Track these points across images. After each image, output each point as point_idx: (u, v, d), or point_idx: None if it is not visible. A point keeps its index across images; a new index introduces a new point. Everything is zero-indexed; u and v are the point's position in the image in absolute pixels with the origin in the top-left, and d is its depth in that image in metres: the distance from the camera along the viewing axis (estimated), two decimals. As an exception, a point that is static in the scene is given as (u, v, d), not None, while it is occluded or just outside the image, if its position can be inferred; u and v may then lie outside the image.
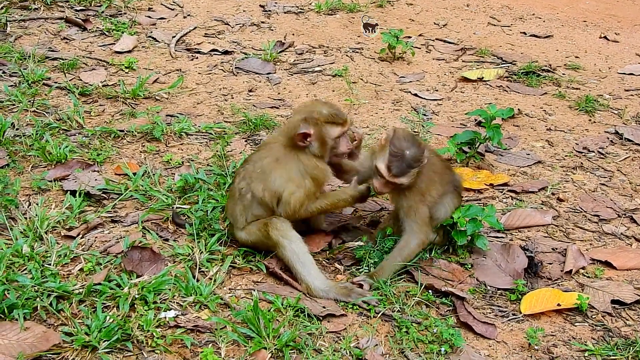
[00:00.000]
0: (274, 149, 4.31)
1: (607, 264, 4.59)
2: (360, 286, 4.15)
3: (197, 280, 4.09)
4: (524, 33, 9.06)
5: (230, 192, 4.46)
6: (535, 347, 3.85)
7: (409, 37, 8.37)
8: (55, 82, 6.52)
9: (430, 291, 4.19)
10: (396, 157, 4.15)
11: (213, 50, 7.71)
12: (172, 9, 8.92)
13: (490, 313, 4.10)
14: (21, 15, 8.20)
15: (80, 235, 4.44)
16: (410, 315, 3.97)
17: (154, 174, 5.12)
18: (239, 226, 4.35)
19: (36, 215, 4.51)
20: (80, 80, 6.70)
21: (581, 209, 5.18)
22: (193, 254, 4.30)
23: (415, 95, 6.94)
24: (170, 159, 5.38)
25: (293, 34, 8.39)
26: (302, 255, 4.17)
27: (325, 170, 4.33)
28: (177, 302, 3.93)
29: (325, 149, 4.31)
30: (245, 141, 5.77)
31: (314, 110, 4.30)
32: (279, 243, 4.18)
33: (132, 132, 5.70)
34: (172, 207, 4.76)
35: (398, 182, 4.19)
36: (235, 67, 7.32)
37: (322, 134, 4.26)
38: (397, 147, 4.15)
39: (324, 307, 3.98)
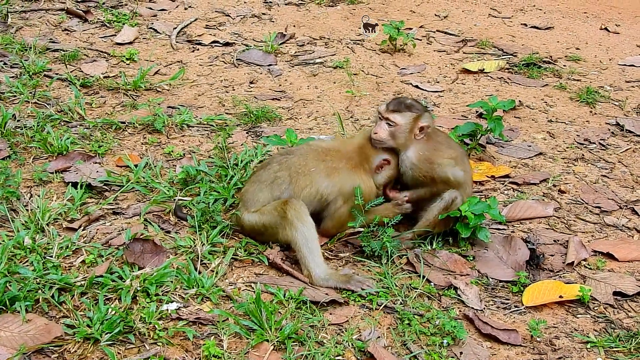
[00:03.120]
0: (336, 157, 4.46)
1: (609, 256, 4.59)
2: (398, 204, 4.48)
3: (199, 273, 4.09)
4: (525, 24, 9.05)
5: (256, 176, 4.47)
6: (538, 339, 3.85)
7: (410, 28, 8.36)
8: (57, 74, 6.52)
9: (432, 283, 4.20)
10: (397, 98, 4.58)
11: (214, 41, 7.70)
12: (173, 1, 8.91)
13: (492, 305, 4.10)
14: (22, 6, 8.19)
15: (82, 227, 4.43)
16: (413, 308, 3.98)
17: (155, 166, 5.11)
18: (252, 209, 4.35)
19: (38, 207, 4.50)
20: (82, 71, 6.70)
21: (582, 200, 5.18)
22: (195, 246, 4.30)
23: (416, 87, 6.94)
24: (172, 151, 5.38)
25: (294, 26, 8.38)
26: (311, 241, 4.19)
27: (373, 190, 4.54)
28: (179, 295, 3.93)
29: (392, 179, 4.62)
30: (247, 133, 5.77)
31: None
32: (292, 223, 4.18)
33: (134, 123, 5.69)
34: (174, 200, 4.75)
35: (392, 119, 4.41)
36: (237, 59, 7.31)
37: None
38: (399, 97, 4.56)
39: (326, 294, 3.99)
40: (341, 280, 4.11)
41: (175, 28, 7.94)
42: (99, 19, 8.05)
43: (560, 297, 4.13)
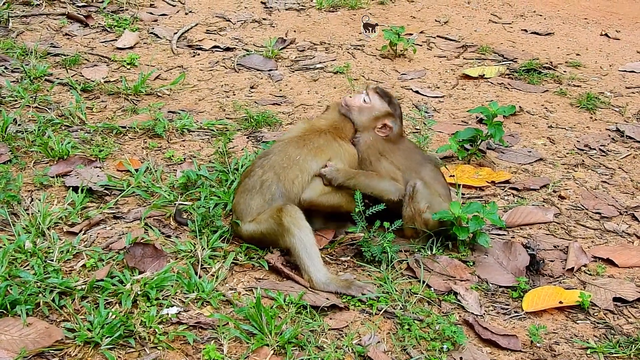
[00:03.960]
0: (310, 139, 4.52)
1: (609, 262, 4.59)
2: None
3: (200, 277, 4.10)
4: (525, 30, 9.06)
5: (243, 186, 4.45)
6: (538, 345, 3.85)
7: (410, 34, 8.37)
8: (57, 78, 6.53)
9: (432, 288, 4.20)
10: (388, 91, 4.77)
11: (215, 46, 7.71)
12: (174, 6, 8.92)
13: (492, 310, 4.10)
14: (23, 11, 8.20)
15: (83, 232, 4.44)
16: (413, 313, 3.98)
17: (156, 171, 5.12)
18: (248, 219, 4.35)
19: (38, 211, 4.51)
20: (82, 76, 6.71)
21: (583, 206, 5.19)
22: (195, 250, 4.31)
23: (417, 92, 6.95)
24: (172, 156, 5.39)
25: (294, 31, 8.39)
26: (309, 246, 4.18)
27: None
28: (179, 299, 3.93)
29: None
30: (247, 138, 5.78)
31: None
32: (289, 230, 4.18)
33: (134, 128, 5.70)
34: (175, 204, 4.76)
35: (371, 97, 4.63)
36: (237, 64, 7.32)
37: None
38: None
39: (327, 299, 3.99)
40: (342, 286, 4.11)
41: (175, 33, 7.95)
42: (99, 23, 8.06)
43: (560, 302, 4.14)
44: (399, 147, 4.64)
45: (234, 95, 6.63)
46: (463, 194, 5.13)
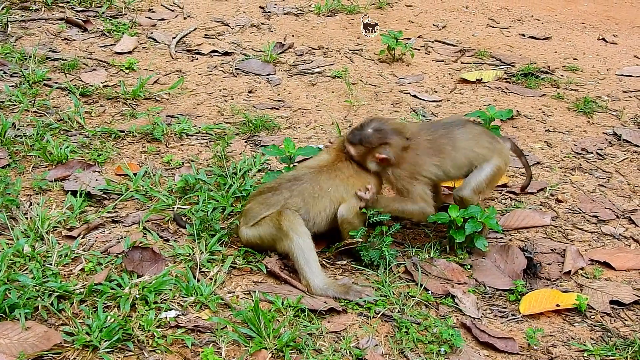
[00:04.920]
0: (340, 169, 4.53)
1: (606, 265, 4.60)
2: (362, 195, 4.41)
3: (198, 281, 4.11)
4: (523, 35, 9.07)
5: (265, 198, 4.41)
6: (535, 347, 3.87)
7: (408, 38, 8.38)
8: (56, 83, 6.54)
9: (429, 292, 4.21)
10: (359, 126, 4.58)
11: (213, 51, 7.73)
12: (172, 10, 8.94)
13: (489, 313, 4.11)
14: (22, 15, 8.21)
15: (81, 236, 4.45)
16: (410, 316, 3.99)
17: (154, 175, 5.13)
18: (250, 223, 4.36)
19: (37, 215, 4.52)
20: (81, 80, 6.72)
21: (580, 209, 5.20)
22: (194, 254, 4.32)
23: (415, 96, 6.96)
24: (171, 160, 5.40)
25: (293, 35, 8.41)
26: (307, 251, 4.19)
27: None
28: (177, 302, 3.94)
29: None
30: (245, 142, 5.79)
31: None
32: (287, 235, 4.20)
33: (133, 132, 5.71)
34: (173, 209, 4.77)
35: (348, 149, 4.53)
36: (235, 68, 7.33)
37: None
38: (365, 123, 4.58)
39: (325, 302, 4.00)
40: (340, 291, 4.13)
41: (174, 37, 7.97)
42: (98, 28, 8.07)
43: (557, 305, 4.15)
44: (419, 158, 4.54)
45: (232, 99, 6.64)
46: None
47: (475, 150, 4.60)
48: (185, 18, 8.71)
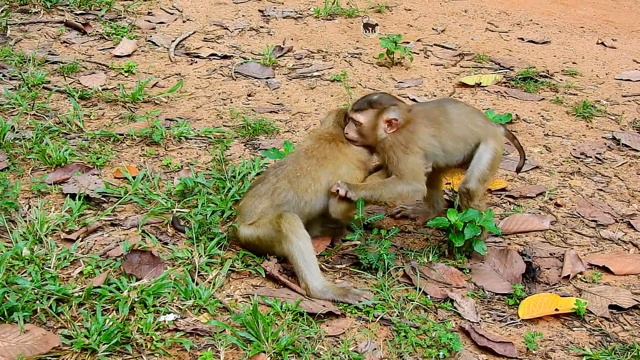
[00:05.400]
0: (317, 150, 4.56)
1: (605, 269, 4.61)
2: (337, 191, 4.37)
3: (197, 284, 4.11)
4: (522, 39, 9.08)
5: (255, 190, 4.47)
6: (534, 352, 3.87)
7: (407, 42, 8.39)
8: (55, 86, 6.54)
9: (428, 296, 4.21)
10: (363, 97, 4.66)
11: (212, 54, 7.73)
12: (172, 14, 8.94)
13: (488, 318, 4.11)
14: (21, 18, 8.21)
15: (80, 239, 4.45)
16: (409, 320, 3.99)
17: (153, 178, 5.13)
18: (248, 221, 4.37)
19: (36, 218, 4.52)
20: (80, 83, 6.72)
21: (579, 214, 5.21)
22: (192, 257, 4.32)
23: (414, 100, 6.96)
24: (170, 163, 5.40)
25: (292, 39, 8.41)
26: (307, 254, 4.19)
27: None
28: (176, 306, 3.94)
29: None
30: (244, 145, 5.79)
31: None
32: (287, 237, 4.20)
33: (132, 135, 5.71)
34: (172, 212, 4.77)
35: (355, 118, 4.52)
36: (234, 72, 7.34)
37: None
38: (366, 95, 4.68)
39: (323, 306, 4.01)
40: (339, 294, 4.13)
41: (173, 41, 7.97)
42: (97, 31, 8.07)
43: (556, 310, 4.15)
44: (417, 126, 4.54)
45: (232, 102, 6.64)
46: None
47: (470, 127, 4.59)
48: (184, 21, 8.72)
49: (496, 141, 4.62)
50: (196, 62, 7.55)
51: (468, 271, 4.48)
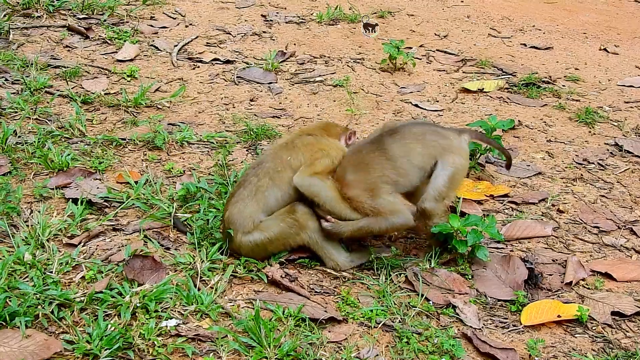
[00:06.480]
0: (298, 140, 4.61)
1: (607, 276, 4.60)
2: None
3: (199, 289, 4.10)
4: (524, 44, 9.09)
5: (237, 196, 4.44)
6: (536, 358, 3.86)
7: (410, 47, 8.39)
8: (58, 90, 6.54)
9: (430, 302, 4.21)
10: None
11: (215, 59, 7.73)
12: (174, 18, 8.95)
13: (490, 324, 4.11)
14: (24, 23, 8.22)
15: (82, 243, 4.45)
16: (411, 326, 3.98)
17: (155, 183, 5.13)
18: (247, 230, 4.36)
19: (38, 222, 4.52)
20: (83, 88, 6.72)
21: (581, 220, 5.20)
22: (194, 263, 4.31)
23: (416, 105, 6.97)
24: (172, 168, 5.40)
25: (294, 44, 8.41)
26: (325, 235, 4.38)
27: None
28: (178, 311, 3.94)
29: None
30: (247, 150, 5.79)
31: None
32: (306, 226, 4.33)
33: (134, 140, 5.71)
34: (172, 214, 4.77)
35: None
36: (237, 77, 7.34)
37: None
38: None
39: (325, 312, 4.00)
40: (362, 256, 4.47)
41: (176, 45, 7.97)
42: (100, 36, 8.08)
43: (559, 316, 4.14)
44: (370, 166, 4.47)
45: (234, 107, 6.64)
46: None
47: (419, 152, 4.46)
48: (187, 26, 8.72)
49: (455, 154, 4.51)
50: (199, 67, 7.55)
51: (470, 277, 4.48)
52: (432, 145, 4.49)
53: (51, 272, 4.13)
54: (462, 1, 10.81)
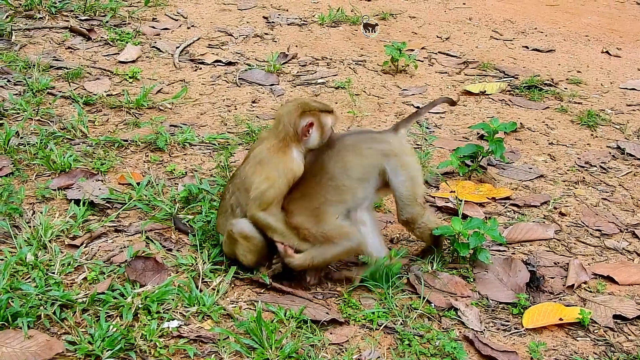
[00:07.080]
0: (255, 155, 4.31)
1: (609, 279, 4.59)
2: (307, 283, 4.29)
3: (200, 291, 4.10)
4: (526, 47, 9.08)
5: (221, 208, 4.42)
6: (537, 361, 3.87)
7: (412, 50, 8.40)
8: (60, 91, 6.54)
9: (432, 304, 4.21)
10: None
11: (217, 61, 7.73)
12: (176, 20, 8.95)
13: (492, 327, 4.11)
14: (26, 24, 8.22)
15: (84, 245, 4.45)
16: (413, 328, 3.99)
17: (157, 184, 5.13)
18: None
19: (40, 223, 4.52)
20: (85, 89, 6.72)
21: (583, 223, 5.20)
22: (196, 264, 4.32)
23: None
24: (174, 169, 5.40)
25: (296, 46, 8.41)
26: None
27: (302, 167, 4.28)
28: (180, 312, 3.94)
29: (323, 138, 4.29)
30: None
31: (306, 103, 4.32)
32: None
33: (136, 141, 5.71)
34: (172, 214, 4.77)
35: None
36: (239, 78, 7.34)
37: (322, 123, 4.26)
38: None
39: (327, 313, 4.00)
40: None
41: (178, 47, 7.97)
42: (102, 37, 8.08)
43: (560, 319, 4.14)
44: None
45: (236, 109, 6.64)
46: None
47: (360, 163, 4.24)
48: (189, 28, 8.72)
49: (399, 155, 4.29)
50: (200, 69, 7.55)
51: (472, 280, 4.48)
52: (369, 154, 4.26)
53: (53, 273, 4.13)
54: (464, 3, 10.80)
